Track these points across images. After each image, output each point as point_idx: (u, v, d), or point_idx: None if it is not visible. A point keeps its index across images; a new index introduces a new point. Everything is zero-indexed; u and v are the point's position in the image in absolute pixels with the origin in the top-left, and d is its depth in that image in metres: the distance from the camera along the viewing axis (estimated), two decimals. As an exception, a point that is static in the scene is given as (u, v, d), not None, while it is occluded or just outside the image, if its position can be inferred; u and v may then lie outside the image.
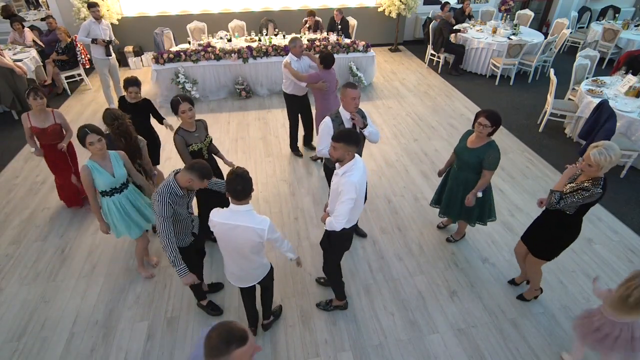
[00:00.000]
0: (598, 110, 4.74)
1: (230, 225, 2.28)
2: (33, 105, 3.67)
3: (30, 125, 3.75)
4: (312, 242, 3.95)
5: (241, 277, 2.61)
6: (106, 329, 3.12)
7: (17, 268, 3.65)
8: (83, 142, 2.83)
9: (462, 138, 3.38)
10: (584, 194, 2.51)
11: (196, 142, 3.23)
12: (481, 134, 3.09)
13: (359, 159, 2.63)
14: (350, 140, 2.49)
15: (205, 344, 1.34)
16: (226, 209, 2.31)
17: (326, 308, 3.26)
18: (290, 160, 5.26)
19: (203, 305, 3.23)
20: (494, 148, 3.12)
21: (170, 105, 3.16)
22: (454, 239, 3.95)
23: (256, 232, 2.28)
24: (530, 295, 3.32)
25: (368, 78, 7.42)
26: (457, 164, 3.42)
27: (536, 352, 2.96)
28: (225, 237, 2.35)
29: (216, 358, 1.32)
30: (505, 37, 7.71)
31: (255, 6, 8.76)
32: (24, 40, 7.15)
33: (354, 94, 3.14)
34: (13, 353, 2.94)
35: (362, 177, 2.59)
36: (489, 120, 3.01)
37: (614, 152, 2.41)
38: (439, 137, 5.79)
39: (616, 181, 4.85)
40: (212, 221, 2.34)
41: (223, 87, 7.05)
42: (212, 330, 1.35)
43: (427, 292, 3.43)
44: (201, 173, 2.42)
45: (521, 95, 7.22)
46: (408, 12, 8.67)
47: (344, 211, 2.52)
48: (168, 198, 2.45)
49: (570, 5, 10.04)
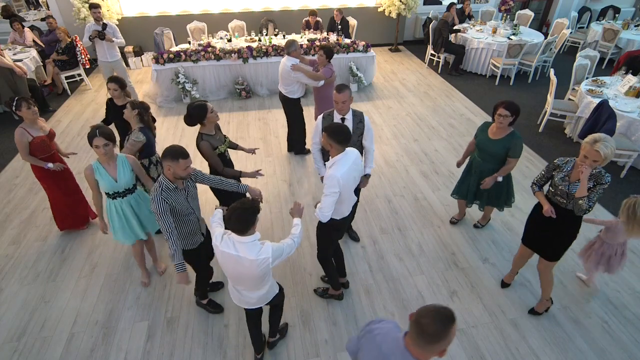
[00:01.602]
0: (598, 111, 4.75)
1: (233, 255, 2.14)
2: (28, 115, 3.39)
3: (33, 137, 3.45)
4: (312, 242, 3.95)
5: (244, 300, 2.46)
6: (106, 329, 3.12)
7: (17, 268, 3.65)
8: (90, 142, 2.80)
9: (481, 130, 3.45)
10: (603, 187, 2.54)
11: (219, 144, 3.27)
12: (501, 124, 3.19)
13: (351, 153, 2.66)
14: (333, 134, 2.52)
15: (420, 333, 1.41)
16: (231, 237, 2.16)
17: (322, 295, 3.32)
18: (290, 160, 5.26)
19: (203, 303, 3.24)
20: (518, 136, 3.25)
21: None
22: (480, 225, 4.10)
23: (260, 264, 2.14)
24: (542, 307, 3.21)
25: (368, 78, 7.42)
26: (481, 156, 3.50)
27: (536, 352, 2.96)
28: (228, 266, 2.23)
29: (437, 341, 1.40)
30: (505, 37, 7.71)
31: (255, 6, 8.76)
32: (24, 40, 7.15)
33: (337, 98, 3.09)
34: (13, 353, 2.94)
35: (349, 171, 2.59)
36: (509, 110, 3.11)
37: (613, 143, 2.45)
38: (439, 137, 5.79)
39: (616, 181, 4.85)
40: (215, 247, 2.21)
41: (223, 87, 7.05)
42: (423, 318, 1.41)
43: (427, 292, 3.43)
44: (171, 155, 2.41)
45: (521, 95, 7.22)
46: (408, 12, 8.67)
47: (327, 203, 2.59)
48: (160, 195, 2.45)
49: (570, 5, 10.04)
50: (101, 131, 2.79)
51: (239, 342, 3.02)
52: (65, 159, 3.90)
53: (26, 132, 3.44)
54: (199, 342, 3.03)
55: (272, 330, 2.92)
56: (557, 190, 2.73)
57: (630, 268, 3.64)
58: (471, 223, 4.15)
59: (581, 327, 3.15)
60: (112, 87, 3.67)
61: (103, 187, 2.93)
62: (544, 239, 2.94)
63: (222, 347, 2.99)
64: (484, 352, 2.96)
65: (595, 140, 2.44)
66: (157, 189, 2.47)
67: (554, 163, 2.76)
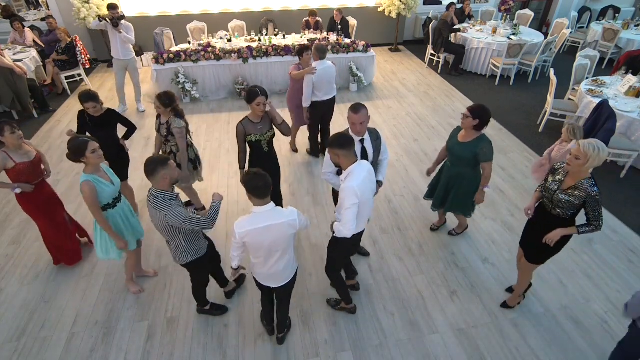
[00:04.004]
0: (598, 110, 4.74)
1: (262, 227, 2.28)
2: (12, 140, 2.99)
3: (15, 162, 3.04)
4: (312, 242, 3.95)
5: (273, 276, 2.57)
6: (106, 329, 3.12)
7: (17, 268, 3.65)
8: (83, 153, 2.65)
9: (452, 134, 3.44)
10: (595, 199, 2.48)
11: (256, 133, 3.29)
12: (463, 124, 3.20)
13: (365, 164, 2.58)
14: (335, 143, 2.45)
15: None
16: (247, 216, 2.31)
17: (334, 306, 3.26)
18: (291, 161, 5.26)
19: (207, 310, 3.20)
20: (485, 140, 3.22)
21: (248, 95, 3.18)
22: (455, 233, 4.03)
23: (290, 225, 2.34)
24: (513, 302, 3.25)
25: (368, 78, 7.42)
26: (450, 160, 3.50)
27: (536, 352, 2.96)
28: (258, 242, 2.33)
29: None
30: (505, 37, 7.71)
31: (255, 6, 8.76)
32: (25, 40, 7.15)
33: (354, 119, 2.81)
34: (13, 353, 2.94)
35: (365, 182, 2.51)
36: (470, 111, 3.13)
37: (603, 149, 2.40)
38: (439, 137, 5.79)
39: (616, 181, 4.85)
40: (240, 233, 2.29)
41: (223, 87, 7.05)
42: None
43: (427, 292, 3.43)
44: (162, 163, 2.41)
45: (521, 95, 7.22)
46: (408, 12, 8.67)
47: (349, 217, 2.49)
48: (171, 203, 2.45)
49: (570, 5, 10.04)
50: (90, 137, 2.74)
51: (239, 342, 3.02)
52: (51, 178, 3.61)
53: (8, 157, 3.03)
54: (199, 342, 3.03)
55: (281, 325, 2.96)
56: (545, 192, 2.70)
57: (630, 268, 3.64)
58: (472, 225, 4.15)
59: (581, 327, 3.15)
60: (91, 106, 3.43)
61: (105, 197, 2.82)
62: (532, 239, 2.93)
63: (222, 347, 2.99)
64: (484, 352, 2.96)
65: (585, 140, 2.44)
66: (164, 200, 2.42)
67: (553, 167, 2.75)
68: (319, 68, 4.48)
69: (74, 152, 2.67)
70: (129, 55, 6.04)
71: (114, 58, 6.04)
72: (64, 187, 4.72)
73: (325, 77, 4.59)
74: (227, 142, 5.68)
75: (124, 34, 5.75)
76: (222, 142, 5.67)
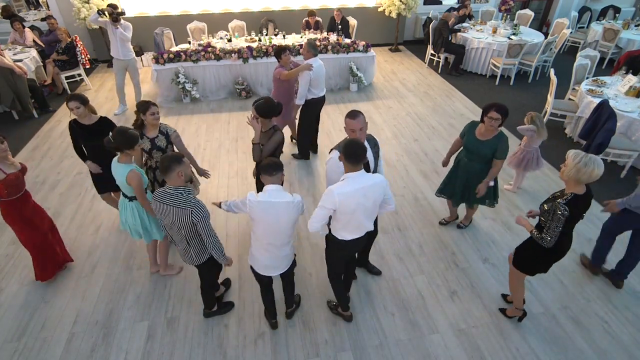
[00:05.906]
0: (598, 110, 4.74)
1: (271, 202, 2.42)
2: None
3: (6, 174, 2.91)
4: (312, 242, 3.95)
5: (270, 265, 2.70)
6: (106, 329, 3.12)
7: (17, 268, 3.65)
8: (134, 145, 2.86)
9: (468, 130, 3.47)
10: (558, 216, 2.38)
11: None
12: (492, 126, 3.21)
13: (370, 178, 2.44)
14: (347, 156, 2.34)
15: None
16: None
17: (331, 309, 3.25)
18: (291, 161, 5.26)
19: (214, 311, 3.19)
20: (505, 138, 3.31)
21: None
22: (464, 225, 4.10)
23: (296, 207, 2.48)
24: (512, 313, 3.16)
25: (368, 78, 7.42)
26: (468, 156, 3.54)
27: (536, 352, 2.96)
28: (264, 216, 2.45)
29: None
30: (505, 37, 7.71)
31: (255, 6, 8.76)
32: (25, 41, 7.16)
33: (352, 126, 2.66)
34: (13, 353, 2.94)
35: (354, 194, 2.36)
36: (500, 113, 3.14)
37: (591, 164, 2.28)
38: (439, 137, 5.79)
39: (616, 181, 4.85)
40: (250, 201, 2.46)
41: (223, 87, 7.05)
42: None
43: (427, 292, 3.43)
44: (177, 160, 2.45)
45: (521, 95, 7.22)
46: (408, 12, 8.67)
47: (315, 214, 2.46)
48: (196, 199, 2.52)
49: (570, 5, 10.04)
50: (130, 131, 2.86)
51: (239, 342, 3.02)
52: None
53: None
54: (199, 342, 3.03)
55: (289, 301, 3.11)
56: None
57: (630, 268, 3.64)
58: (472, 224, 4.15)
59: (581, 327, 3.15)
60: (74, 105, 3.28)
61: (144, 182, 2.97)
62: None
63: (222, 347, 2.99)
64: (484, 352, 2.96)
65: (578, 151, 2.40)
66: (183, 195, 2.45)
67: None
68: (314, 65, 4.49)
69: (129, 142, 2.83)
70: (129, 55, 6.03)
71: (114, 58, 6.03)
72: (64, 186, 4.72)
73: (321, 73, 4.63)
74: (227, 142, 5.68)
75: (121, 30, 5.71)
76: (222, 142, 5.67)
